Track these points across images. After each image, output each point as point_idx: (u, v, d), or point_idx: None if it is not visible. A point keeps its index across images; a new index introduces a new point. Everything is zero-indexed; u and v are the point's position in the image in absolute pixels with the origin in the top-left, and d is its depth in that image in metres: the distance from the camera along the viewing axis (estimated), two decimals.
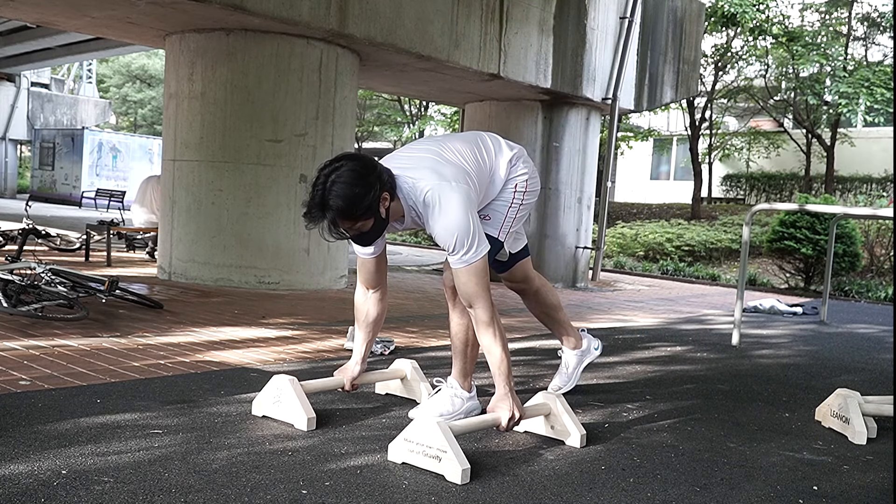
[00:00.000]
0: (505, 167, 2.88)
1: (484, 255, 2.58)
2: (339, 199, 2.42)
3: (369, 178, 2.47)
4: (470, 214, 2.55)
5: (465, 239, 2.53)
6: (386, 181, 2.53)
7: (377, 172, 2.51)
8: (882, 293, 10.45)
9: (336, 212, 2.44)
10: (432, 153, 2.69)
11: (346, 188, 2.43)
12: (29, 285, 4.45)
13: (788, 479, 2.50)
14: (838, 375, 4.53)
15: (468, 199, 2.57)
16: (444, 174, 2.59)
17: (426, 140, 2.84)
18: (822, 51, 17.28)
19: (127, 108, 42.46)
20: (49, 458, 2.21)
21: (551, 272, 9.23)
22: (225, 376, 3.38)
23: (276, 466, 2.28)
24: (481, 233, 2.59)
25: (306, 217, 2.48)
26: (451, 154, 2.71)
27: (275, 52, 6.55)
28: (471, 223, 2.54)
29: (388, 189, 2.54)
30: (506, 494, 2.19)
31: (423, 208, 2.58)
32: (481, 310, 2.61)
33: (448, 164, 2.64)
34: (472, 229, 2.55)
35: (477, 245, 2.56)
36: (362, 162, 2.51)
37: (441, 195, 2.54)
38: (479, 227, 2.58)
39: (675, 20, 10.37)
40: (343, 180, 2.44)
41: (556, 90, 8.60)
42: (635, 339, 5.47)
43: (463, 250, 2.55)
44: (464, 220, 2.53)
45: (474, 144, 2.82)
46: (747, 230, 5.38)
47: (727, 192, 23.39)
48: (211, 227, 6.64)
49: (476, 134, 2.93)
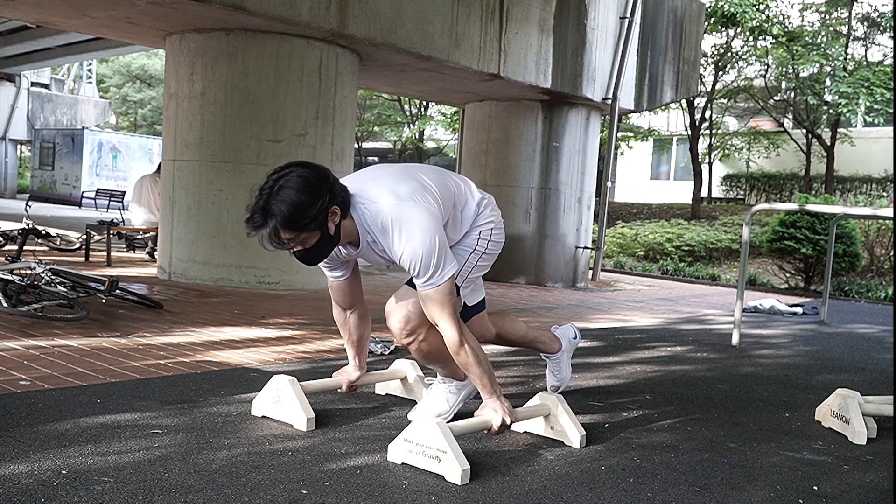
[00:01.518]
0: (473, 208, 2.73)
1: (451, 275, 2.44)
2: (283, 204, 2.26)
3: (319, 188, 2.31)
4: (435, 233, 2.38)
5: (430, 261, 2.38)
6: (338, 194, 2.36)
7: (329, 183, 2.35)
8: (882, 293, 10.45)
9: (279, 218, 2.27)
10: (393, 172, 2.55)
11: (292, 194, 2.27)
12: (29, 285, 4.45)
13: (788, 479, 2.50)
14: (838, 375, 4.53)
15: (431, 217, 2.40)
16: (401, 193, 2.42)
17: (389, 164, 2.70)
18: (822, 51, 17.29)
19: (127, 108, 42.46)
20: (49, 458, 2.20)
21: (551, 272, 9.23)
22: (225, 376, 3.38)
23: (276, 466, 2.28)
24: (447, 252, 2.43)
25: (247, 223, 2.32)
26: (415, 173, 2.56)
27: (275, 52, 6.55)
28: (436, 242, 2.37)
29: (340, 203, 2.37)
30: (506, 494, 2.19)
31: (381, 234, 2.42)
32: (448, 330, 2.48)
33: (409, 181, 2.48)
34: (438, 249, 2.38)
35: (443, 266, 2.40)
36: (314, 170, 2.36)
37: (400, 216, 2.38)
38: (445, 245, 2.42)
39: (675, 20, 10.37)
40: (290, 186, 2.29)
41: (556, 90, 8.60)
42: (635, 339, 5.47)
43: (428, 273, 2.40)
44: (427, 241, 2.37)
45: (443, 174, 2.68)
46: (747, 230, 5.38)
47: (727, 192, 23.40)
48: (211, 227, 6.64)
49: (445, 170, 2.80)
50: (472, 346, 2.54)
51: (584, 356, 4.60)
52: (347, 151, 7.18)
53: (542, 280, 9.20)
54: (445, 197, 2.58)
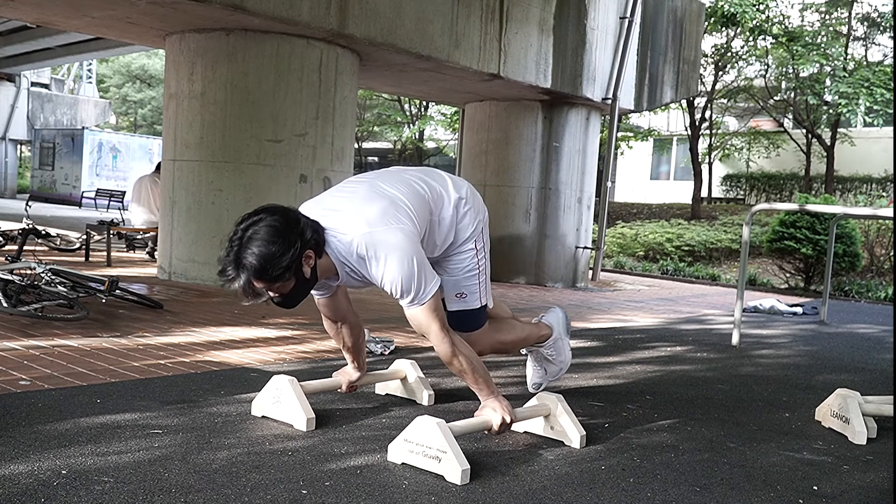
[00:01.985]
0: (451, 210, 2.67)
1: (433, 292, 2.42)
2: (254, 257, 2.23)
3: (289, 236, 2.27)
4: (412, 255, 2.34)
5: (410, 284, 2.36)
6: (310, 238, 2.31)
7: (299, 229, 2.30)
8: (882, 293, 10.45)
9: (251, 271, 2.24)
10: (361, 193, 2.48)
11: (262, 246, 2.23)
12: (29, 285, 4.45)
13: (788, 479, 2.50)
14: (838, 375, 4.53)
15: (405, 237, 2.36)
16: (372, 218, 2.36)
17: (358, 178, 2.65)
18: (822, 51, 17.29)
19: (127, 108, 42.45)
20: (49, 458, 2.20)
21: (551, 272, 9.23)
22: (225, 376, 3.38)
23: (276, 466, 2.28)
24: (426, 270, 2.40)
25: (220, 276, 2.29)
26: (384, 189, 2.49)
27: (275, 52, 6.55)
28: (413, 264, 2.34)
29: (313, 247, 2.33)
30: (506, 494, 2.19)
31: (358, 264, 2.40)
32: (439, 344, 2.49)
33: (378, 201, 2.42)
34: (416, 270, 2.35)
35: (424, 286, 2.38)
36: (283, 216, 2.31)
37: (374, 243, 2.34)
38: (423, 264, 2.38)
39: (675, 20, 10.37)
40: (260, 237, 2.25)
41: (556, 90, 8.60)
42: (635, 339, 5.47)
43: (410, 295, 2.38)
44: (404, 264, 2.34)
45: (411, 181, 2.61)
46: (747, 230, 5.38)
47: (727, 192, 23.40)
48: (211, 227, 6.64)
49: (418, 169, 2.76)
50: (465, 354, 2.54)
51: (584, 356, 4.60)
52: (347, 151, 7.18)
53: (542, 280, 9.20)
54: (419, 206, 2.52)
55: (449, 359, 2.52)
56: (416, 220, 2.47)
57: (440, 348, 2.51)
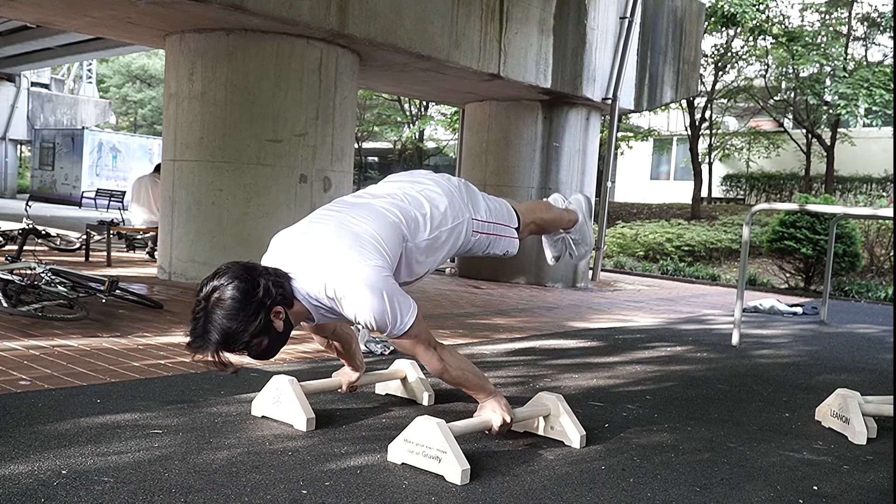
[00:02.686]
0: (428, 238, 2.58)
1: (410, 323, 2.37)
2: (218, 334, 2.21)
3: (251, 304, 2.22)
4: (380, 290, 2.29)
5: (384, 318, 2.32)
6: (276, 296, 2.26)
7: (262, 293, 2.23)
8: (882, 293, 10.45)
9: (216, 346, 2.22)
10: (328, 231, 2.41)
11: (225, 321, 2.20)
12: (29, 285, 4.45)
13: (788, 479, 2.50)
14: (838, 375, 4.53)
15: (373, 273, 2.30)
16: (339, 259, 2.31)
17: (327, 211, 2.55)
18: (822, 51, 17.29)
19: (127, 108, 42.44)
20: (49, 458, 2.20)
21: (551, 272, 9.23)
22: (225, 376, 3.38)
23: (276, 466, 2.28)
24: (400, 302, 2.34)
25: (190, 347, 2.24)
26: (351, 224, 2.42)
27: (275, 52, 6.55)
28: (384, 300, 2.29)
29: (280, 302, 2.28)
30: (506, 494, 2.19)
31: (329, 303, 2.36)
32: (428, 361, 2.48)
33: (343, 238, 2.35)
34: (387, 305, 2.30)
35: (400, 318, 2.34)
36: (245, 282, 2.23)
37: (342, 283, 2.29)
38: (394, 296, 2.32)
39: (675, 20, 10.37)
40: (223, 310, 2.20)
41: (556, 90, 8.60)
42: (635, 339, 5.47)
43: (388, 328, 2.35)
44: (374, 301, 2.28)
45: (388, 205, 2.54)
46: (747, 230, 5.38)
47: (727, 192, 23.40)
48: (211, 227, 6.64)
49: (400, 187, 2.67)
50: (455, 365, 2.54)
51: (584, 356, 4.60)
52: (347, 151, 7.18)
53: (542, 280, 9.20)
54: (389, 237, 2.44)
55: (440, 374, 2.53)
56: (386, 252, 2.40)
57: (430, 367, 2.51)
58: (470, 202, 2.80)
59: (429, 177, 2.79)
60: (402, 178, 2.78)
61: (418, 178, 2.78)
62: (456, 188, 2.78)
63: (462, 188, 2.82)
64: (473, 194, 2.86)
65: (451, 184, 2.79)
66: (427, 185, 2.71)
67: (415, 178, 2.77)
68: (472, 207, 2.79)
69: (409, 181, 2.74)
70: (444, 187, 2.73)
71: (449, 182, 2.79)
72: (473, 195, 2.85)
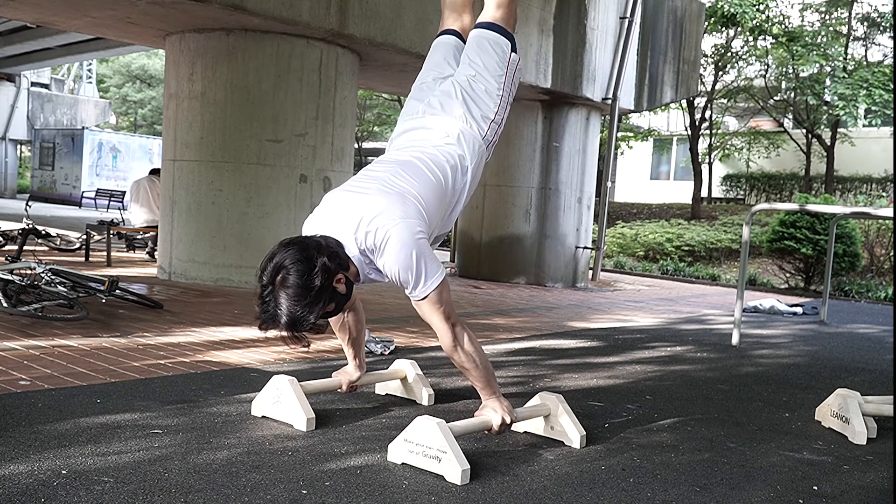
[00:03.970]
0: (462, 178, 2.71)
1: (435, 286, 2.44)
2: (286, 317, 2.31)
3: (314, 287, 2.31)
4: (412, 249, 2.40)
5: (408, 275, 2.41)
6: (334, 267, 2.36)
7: (321, 273, 2.32)
8: (882, 293, 10.45)
9: (288, 327, 2.33)
10: (372, 190, 2.52)
11: (292, 306, 2.30)
12: (29, 285, 4.45)
13: (788, 479, 2.50)
14: (838, 375, 4.53)
15: (409, 232, 2.41)
16: (382, 210, 2.43)
17: (373, 171, 2.65)
18: (822, 51, 17.28)
19: (127, 108, 42.44)
20: (49, 458, 2.20)
21: (551, 272, 9.23)
22: (225, 376, 3.38)
23: (276, 466, 2.28)
24: (429, 264, 2.44)
25: (261, 327, 2.36)
26: (396, 183, 2.53)
27: (275, 52, 6.55)
28: (413, 257, 2.40)
29: (341, 268, 2.39)
30: (506, 494, 2.19)
31: (371, 255, 2.48)
32: (440, 335, 2.53)
33: (386, 197, 2.47)
34: (415, 263, 2.40)
35: (425, 279, 2.43)
36: (305, 263, 2.31)
37: (381, 238, 2.41)
38: (424, 257, 2.42)
39: (675, 20, 10.37)
40: (287, 298, 2.30)
41: (556, 90, 8.60)
42: (635, 339, 5.47)
43: (410, 286, 2.44)
44: (405, 257, 2.39)
45: (430, 165, 2.63)
46: (747, 230, 5.38)
47: (727, 192, 23.40)
48: (211, 227, 6.64)
49: (434, 148, 2.70)
50: (469, 348, 2.55)
51: (584, 356, 4.60)
52: (347, 151, 7.18)
53: (542, 280, 9.20)
54: (430, 197, 2.56)
55: (450, 351, 2.55)
56: (426, 211, 2.52)
57: (442, 340, 2.54)
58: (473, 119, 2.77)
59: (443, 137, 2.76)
60: (422, 143, 2.76)
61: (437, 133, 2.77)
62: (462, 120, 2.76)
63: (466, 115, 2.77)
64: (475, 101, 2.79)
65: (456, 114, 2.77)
66: (446, 140, 2.74)
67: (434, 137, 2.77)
68: (477, 125, 2.77)
69: (430, 144, 2.74)
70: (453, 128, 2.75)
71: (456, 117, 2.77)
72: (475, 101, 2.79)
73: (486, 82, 2.79)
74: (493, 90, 2.79)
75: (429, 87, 2.89)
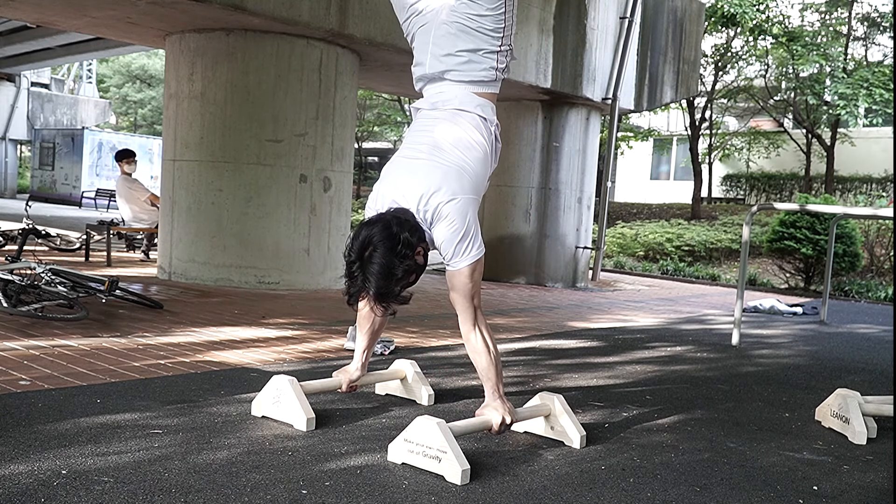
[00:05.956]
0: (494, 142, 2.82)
1: (475, 258, 2.62)
2: (374, 289, 2.46)
3: (399, 262, 2.46)
4: (462, 220, 2.59)
5: (454, 241, 2.59)
6: (415, 241, 2.51)
7: (406, 241, 2.48)
8: (882, 293, 10.45)
9: (377, 298, 2.48)
10: (426, 156, 2.68)
11: (380, 281, 2.44)
12: (29, 285, 4.45)
13: (788, 479, 2.50)
14: (838, 375, 4.53)
15: (465, 206, 2.61)
16: (438, 183, 2.60)
17: (421, 134, 2.76)
18: (822, 51, 17.28)
19: (127, 108, 42.44)
20: (49, 458, 2.20)
21: (551, 272, 9.23)
22: (225, 376, 3.38)
23: (276, 466, 2.28)
24: (475, 238, 2.63)
25: (350, 299, 2.53)
26: (448, 156, 2.67)
27: (275, 52, 6.55)
28: (463, 227, 2.59)
29: (420, 241, 2.54)
30: (506, 494, 2.19)
31: (427, 225, 2.63)
32: (461, 311, 2.66)
33: (440, 168, 2.63)
34: (464, 233, 2.59)
35: (468, 249, 2.61)
36: (391, 239, 2.46)
37: (437, 204, 2.58)
38: (471, 229, 2.62)
39: (675, 20, 10.37)
40: (374, 275, 2.44)
41: (556, 90, 8.59)
42: (635, 339, 5.47)
43: (451, 252, 2.61)
44: (458, 224, 2.59)
45: (472, 138, 2.73)
46: (747, 230, 5.38)
47: (727, 192, 23.40)
48: (211, 227, 6.64)
49: (473, 127, 2.77)
50: (486, 337, 2.65)
51: (584, 356, 4.60)
52: (347, 151, 7.18)
53: (542, 280, 9.20)
54: (480, 168, 2.72)
55: (467, 332, 2.65)
56: (476, 180, 2.69)
57: (462, 318, 2.66)
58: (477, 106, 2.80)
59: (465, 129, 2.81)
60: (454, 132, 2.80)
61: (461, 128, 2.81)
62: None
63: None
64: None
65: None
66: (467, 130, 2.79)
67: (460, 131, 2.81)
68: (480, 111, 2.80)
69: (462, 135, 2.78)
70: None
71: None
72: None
73: (487, 4, 2.74)
74: (495, 15, 2.76)
75: (425, 30, 2.86)
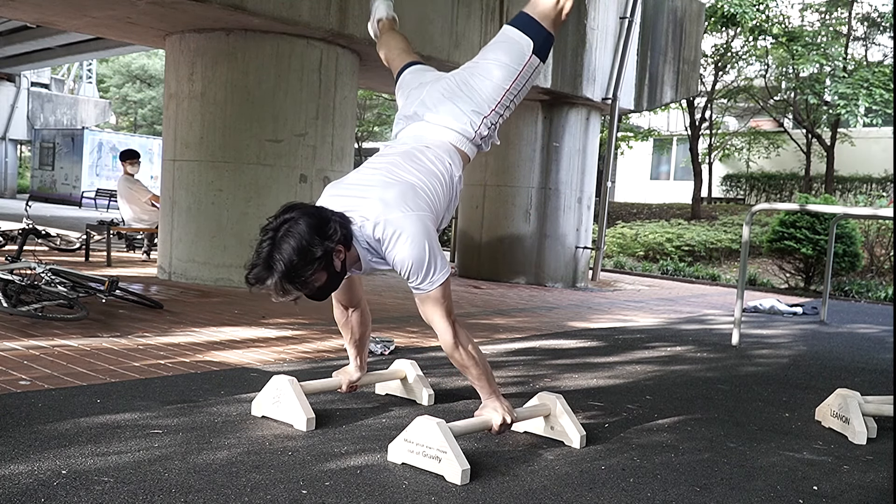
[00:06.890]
0: (456, 185, 2.68)
1: (440, 282, 2.45)
2: (284, 261, 2.24)
3: (320, 239, 2.28)
4: (423, 241, 2.40)
5: (419, 268, 2.41)
6: (340, 235, 2.33)
7: (330, 228, 2.31)
8: (882, 293, 10.45)
9: (281, 274, 2.25)
10: (381, 175, 2.52)
11: (295, 249, 2.25)
12: (29, 285, 4.45)
13: (788, 479, 2.50)
14: (838, 375, 4.53)
15: (420, 223, 2.41)
16: (390, 202, 2.41)
17: (377, 162, 2.63)
18: (822, 51, 17.28)
19: (127, 108, 42.45)
20: (49, 458, 2.20)
21: (551, 272, 9.23)
22: (225, 376, 3.38)
23: (276, 466, 2.28)
24: (437, 258, 2.44)
25: (249, 277, 2.29)
26: (402, 175, 2.51)
27: (275, 52, 6.55)
28: (424, 250, 2.39)
29: (343, 242, 2.35)
30: (506, 494, 2.19)
31: (376, 244, 2.45)
32: (442, 332, 2.51)
33: (396, 186, 2.46)
34: (426, 256, 2.40)
35: (433, 273, 2.43)
36: (315, 217, 2.31)
37: (391, 227, 2.39)
38: (434, 251, 2.43)
39: (675, 20, 10.37)
40: (292, 239, 2.25)
41: (556, 90, 8.59)
42: (635, 339, 5.47)
43: (417, 280, 2.43)
44: (416, 248, 2.39)
45: (424, 163, 2.60)
46: (747, 230, 5.38)
47: (727, 192, 23.40)
48: (211, 227, 6.64)
49: (432, 145, 2.68)
50: (467, 349, 2.54)
51: (584, 356, 4.60)
52: (347, 151, 7.18)
53: (542, 280, 9.20)
54: (437, 189, 2.56)
55: (450, 349, 2.53)
56: (434, 204, 2.52)
57: (442, 338, 2.52)
58: (469, 112, 2.73)
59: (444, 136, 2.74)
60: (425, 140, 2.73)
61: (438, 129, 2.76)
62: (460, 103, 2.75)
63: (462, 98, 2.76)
64: (468, 95, 2.76)
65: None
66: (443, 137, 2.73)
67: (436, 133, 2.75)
68: (471, 122, 2.73)
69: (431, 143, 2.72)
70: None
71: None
72: (468, 95, 2.75)
73: (489, 76, 2.73)
74: (494, 85, 2.73)
75: (419, 89, 2.87)
